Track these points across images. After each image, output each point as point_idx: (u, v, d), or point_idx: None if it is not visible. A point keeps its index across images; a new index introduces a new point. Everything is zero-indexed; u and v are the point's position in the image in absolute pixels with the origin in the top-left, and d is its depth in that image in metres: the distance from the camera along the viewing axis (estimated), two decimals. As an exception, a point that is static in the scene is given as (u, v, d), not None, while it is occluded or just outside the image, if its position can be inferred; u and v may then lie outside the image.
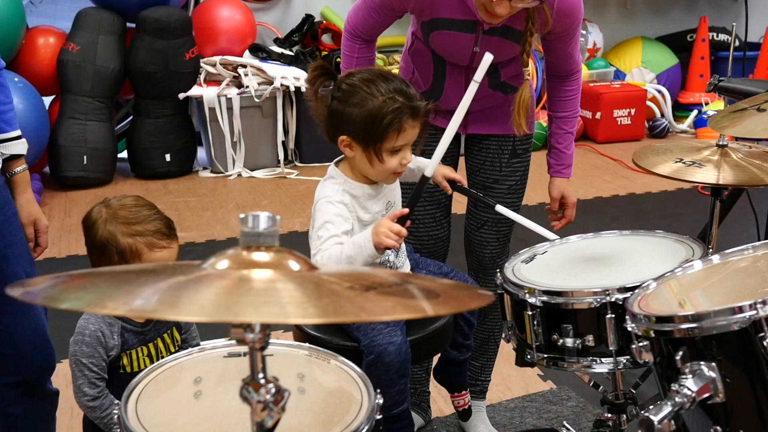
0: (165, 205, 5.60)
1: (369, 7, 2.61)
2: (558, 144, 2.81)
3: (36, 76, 5.90)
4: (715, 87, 3.04)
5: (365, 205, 2.31)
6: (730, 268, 2.00)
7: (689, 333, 1.70)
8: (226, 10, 6.41)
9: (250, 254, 1.34)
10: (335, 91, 2.27)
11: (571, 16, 2.56)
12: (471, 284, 2.50)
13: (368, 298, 1.21)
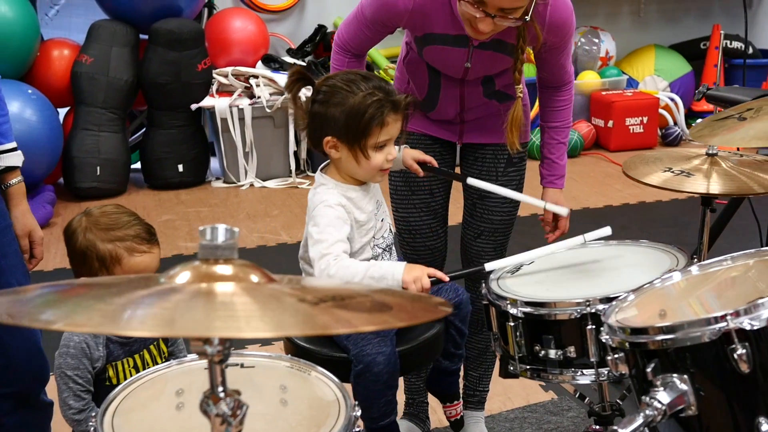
0: (176, 215, 5.65)
1: (360, 23, 2.62)
2: (550, 154, 2.81)
3: (50, 88, 5.96)
4: (704, 95, 3.02)
5: (360, 206, 2.33)
6: (721, 276, 1.99)
7: (663, 345, 1.69)
8: (239, 21, 6.45)
9: (206, 267, 1.35)
10: (315, 94, 2.30)
11: (563, 30, 2.56)
12: (460, 295, 2.50)
13: (316, 312, 1.22)
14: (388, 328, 1.20)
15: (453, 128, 2.77)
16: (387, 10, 2.53)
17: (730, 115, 2.10)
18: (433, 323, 2.50)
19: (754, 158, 2.49)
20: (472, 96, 2.67)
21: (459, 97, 2.69)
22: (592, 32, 7.25)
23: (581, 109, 7.12)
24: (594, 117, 7.04)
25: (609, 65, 7.25)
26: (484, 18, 2.32)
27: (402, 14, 2.51)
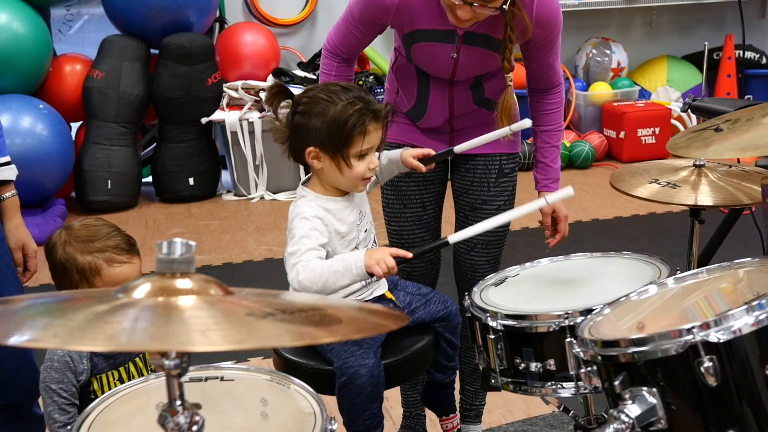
0: (186, 228, 5.68)
1: (349, 24, 2.64)
2: (544, 158, 2.81)
3: (63, 103, 6.02)
4: (690, 107, 3.01)
5: (340, 217, 2.34)
6: (709, 287, 1.98)
7: (633, 357, 1.69)
8: (251, 35, 6.49)
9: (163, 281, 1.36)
10: (296, 106, 2.31)
11: (550, 24, 2.58)
12: (449, 306, 2.50)
13: (260, 326, 1.23)
14: (331, 341, 1.20)
15: (443, 138, 2.77)
16: (374, 7, 2.55)
17: (708, 126, 2.09)
18: (422, 335, 2.50)
19: (742, 169, 2.49)
20: (461, 102, 2.68)
21: (448, 102, 2.69)
22: (604, 43, 7.24)
23: (593, 121, 7.11)
24: (606, 128, 7.02)
25: (621, 76, 7.24)
26: (463, 5, 2.35)
27: (389, 9, 2.52)
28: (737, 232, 3.72)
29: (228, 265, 5.04)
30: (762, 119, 1.99)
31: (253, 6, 6.77)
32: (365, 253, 2.19)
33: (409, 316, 2.49)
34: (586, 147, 6.74)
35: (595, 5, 7.05)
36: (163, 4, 5.98)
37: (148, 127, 6.65)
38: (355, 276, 2.19)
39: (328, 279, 2.19)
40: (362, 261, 2.18)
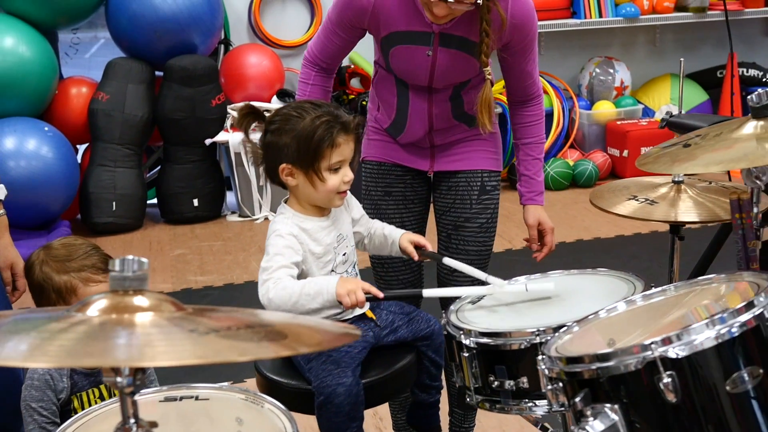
0: (189, 250, 5.71)
1: (328, 30, 2.68)
2: (527, 171, 2.81)
3: (69, 125, 6.07)
4: (667, 123, 3.01)
5: (316, 238, 2.35)
6: (691, 303, 1.98)
7: (597, 374, 1.69)
8: (255, 56, 6.53)
9: (116, 298, 1.38)
10: (268, 125, 2.35)
11: (525, 27, 2.60)
12: (432, 325, 2.51)
13: (201, 342, 1.24)
14: (270, 357, 1.21)
15: (424, 154, 2.78)
16: (350, 7, 2.58)
17: (677, 142, 2.10)
18: (404, 354, 2.51)
19: (722, 185, 2.49)
20: (441, 114, 2.69)
21: (428, 113, 2.70)
22: (607, 62, 7.25)
23: (597, 139, 7.10)
24: (610, 147, 7.02)
25: (624, 95, 7.23)
26: (439, 2, 2.37)
27: (365, 10, 2.55)
28: (731, 246, 3.72)
29: (229, 285, 5.07)
30: (730, 134, 2.00)
31: (258, 28, 6.82)
32: (338, 281, 2.21)
33: (392, 334, 2.50)
34: (589, 166, 6.74)
35: (598, 24, 7.06)
36: (167, 27, 6.03)
37: (154, 149, 6.70)
38: (325, 302, 2.22)
39: (299, 300, 2.21)
40: (334, 288, 2.21)
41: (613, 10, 7.06)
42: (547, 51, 7.35)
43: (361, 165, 2.85)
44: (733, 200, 1.95)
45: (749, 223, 1.93)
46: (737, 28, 7.44)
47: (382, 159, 2.78)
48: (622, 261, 5.16)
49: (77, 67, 7.01)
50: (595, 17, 7.01)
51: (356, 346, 2.39)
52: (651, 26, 7.46)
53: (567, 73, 7.40)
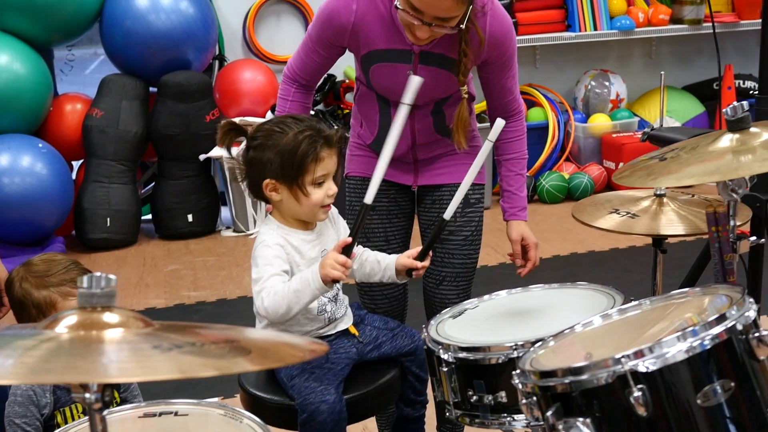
0: (183, 265, 5.71)
1: (308, 48, 2.68)
2: (510, 187, 2.81)
3: (64, 142, 6.08)
4: (648, 136, 3.02)
5: (301, 251, 2.36)
6: (673, 316, 1.97)
7: (570, 387, 1.69)
8: (249, 72, 6.53)
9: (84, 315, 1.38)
10: (250, 141, 2.35)
11: (504, 44, 2.61)
12: (416, 340, 2.51)
13: (163, 358, 1.24)
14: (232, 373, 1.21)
15: (407, 169, 2.79)
16: (330, 25, 2.58)
17: (653, 156, 2.10)
18: (388, 369, 2.51)
19: (704, 198, 2.49)
20: (423, 129, 2.70)
21: (410, 128, 2.71)
22: (602, 75, 7.26)
23: (592, 152, 7.10)
24: (605, 159, 7.02)
25: (620, 107, 7.24)
26: (422, 26, 2.38)
27: (345, 28, 2.56)
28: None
29: (222, 301, 5.06)
30: (706, 148, 2.00)
31: (252, 43, 6.83)
32: (318, 267, 2.21)
33: (376, 350, 2.50)
34: (585, 179, 6.74)
35: (594, 37, 7.07)
36: (161, 44, 6.04)
37: (148, 165, 6.70)
38: (315, 290, 2.21)
39: (291, 299, 2.21)
40: (317, 273, 2.19)
41: (608, 23, 7.07)
42: (542, 64, 7.36)
43: (344, 180, 2.86)
44: (709, 213, 1.95)
45: (725, 236, 1.93)
46: (733, 39, 7.46)
47: (366, 174, 2.78)
48: (616, 274, 5.16)
49: (74, 83, 7.03)
50: (590, 30, 7.02)
51: (339, 362, 2.39)
52: (647, 39, 7.47)
53: (562, 86, 7.41)
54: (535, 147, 6.97)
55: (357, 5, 2.54)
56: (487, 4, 2.53)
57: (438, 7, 2.35)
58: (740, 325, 1.64)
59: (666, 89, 7.40)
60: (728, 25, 7.26)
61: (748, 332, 1.65)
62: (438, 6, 2.34)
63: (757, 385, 1.66)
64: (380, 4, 2.53)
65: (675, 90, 7.49)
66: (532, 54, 7.32)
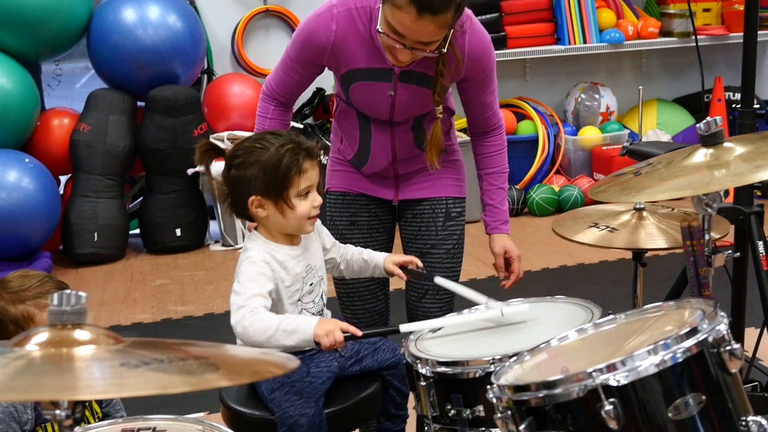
0: (171, 279, 5.70)
1: (287, 66, 2.69)
2: (491, 200, 2.82)
3: (51, 156, 6.07)
4: (627, 151, 3.03)
5: (287, 266, 2.36)
6: (652, 329, 1.97)
7: (543, 401, 1.69)
8: (238, 86, 6.54)
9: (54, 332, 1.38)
10: (231, 160, 2.35)
11: (483, 61, 2.61)
12: (397, 354, 2.51)
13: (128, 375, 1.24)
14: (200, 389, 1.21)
15: (388, 183, 2.79)
16: (310, 45, 2.59)
17: (628, 171, 2.11)
18: (369, 383, 2.51)
19: (684, 212, 2.50)
20: (403, 144, 2.70)
21: (390, 144, 2.71)
22: (592, 88, 7.27)
23: (582, 165, 7.11)
24: (596, 172, 7.03)
25: (610, 120, 7.25)
26: (403, 49, 2.39)
27: (325, 48, 2.57)
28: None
29: (210, 315, 5.05)
30: (680, 162, 2.01)
31: (241, 58, 6.84)
32: (317, 322, 2.21)
33: (357, 364, 2.51)
34: (575, 191, 6.74)
35: (584, 50, 7.08)
36: (148, 58, 6.04)
37: (137, 179, 6.70)
38: (301, 341, 2.22)
39: (274, 335, 2.21)
40: (312, 329, 2.21)
41: (598, 36, 7.08)
42: (532, 77, 7.38)
43: (325, 195, 2.86)
44: (684, 227, 1.96)
45: (700, 250, 1.94)
46: (723, 52, 7.48)
47: (346, 189, 2.79)
48: (605, 287, 5.16)
49: (63, 98, 7.03)
50: (580, 43, 7.03)
51: (320, 376, 2.40)
52: (637, 51, 7.49)
53: (552, 99, 7.42)
54: (525, 160, 6.99)
55: (337, 25, 2.54)
56: (466, 22, 2.54)
57: (420, 33, 2.35)
58: (711, 338, 1.65)
59: (655, 102, 7.45)
60: (718, 37, 7.28)
61: (719, 345, 1.66)
62: (420, 31, 2.35)
63: (729, 398, 1.67)
64: (360, 24, 2.53)
65: (665, 102, 7.51)
66: (522, 67, 7.34)
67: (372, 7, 2.51)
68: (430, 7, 2.28)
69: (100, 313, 5.11)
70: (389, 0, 2.34)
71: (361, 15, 2.53)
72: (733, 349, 1.65)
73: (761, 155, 1.91)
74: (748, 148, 1.99)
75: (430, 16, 2.30)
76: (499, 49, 6.73)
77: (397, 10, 2.32)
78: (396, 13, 2.33)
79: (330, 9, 2.55)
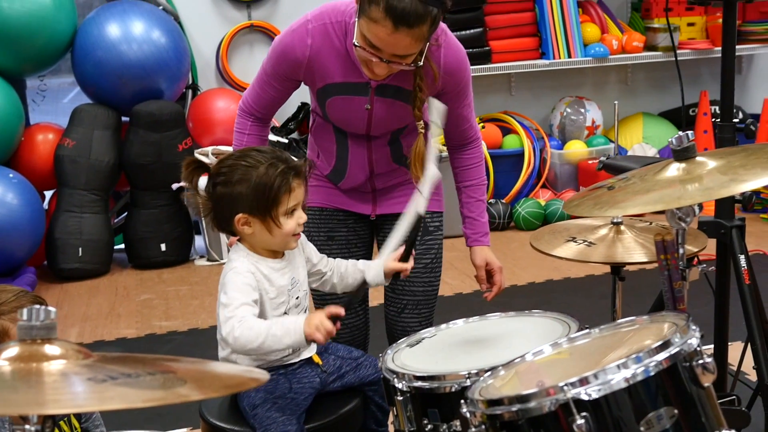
0: (155, 294, 5.69)
1: (263, 81, 2.69)
2: (471, 213, 2.82)
3: (36, 172, 6.07)
4: (604, 165, 3.04)
5: (271, 279, 2.35)
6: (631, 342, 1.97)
7: (516, 415, 1.69)
8: (223, 101, 6.54)
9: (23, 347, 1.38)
10: (215, 177, 2.34)
11: (458, 73, 2.62)
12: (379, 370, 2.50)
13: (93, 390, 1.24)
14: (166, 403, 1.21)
15: (366, 198, 2.79)
16: (285, 60, 2.59)
17: (602, 185, 2.12)
18: (350, 399, 2.51)
19: (662, 225, 2.50)
20: (381, 159, 2.71)
21: (367, 159, 2.72)
22: (578, 102, 7.29)
23: (569, 179, 7.12)
24: (582, 186, 7.04)
25: (596, 134, 7.27)
26: (379, 63, 2.40)
27: (300, 63, 2.57)
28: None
29: (194, 330, 5.04)
30: (653, 177, 2.01)
31: (226, 73, 6.85)
32: (305, 321, 2.20)
33: (339, 380, 2.50)
34: (561, 205, 6.75)
35: (569, 64, 7.10)
36: (132, 74, 6.05)
37: (121, 194, 6.69)
38: (293, 343, 2.21)
39: (265, 341, 2.20)
40: (301, 328, 2.19)
41: (582, 50, 7.10)
42: (517, 91, 7.40)
43: None
44: (658, 241, 1.96)
45: (674, 264, 1.94)
46: (708, 66, 7.52)
47: (323, 204, 2.79)
48: (591, 301, 5.15)
49: (49, 113, 7.01)
50: (564, 58, 7.05)
51: (302, 392, 2.39)
52: (622, 66, 7.51)
53: (538, 113, 7.44)
54: (511, 174, 7.00)
55: (312, 40, 2.54)
56: (441, 36, 2.55)
57: (396, 46, 2.36)
58: (684, 352, 1.65)
59: (641, 115, 7.48)
60: (703, 51, 7.31)
61: (692, 359, 1.66)
62: (396, 45, 2.35)
63: (703, 412, 1.67)
64: (335, 39, 2.54)
65: (651, 116, 7.54)
66: (507, 81, 7.36)
67: (347, 22, 2.52)
68: (406, 21, 2.29)
69: (84, 328, 5.09)
70: (365, 14, 2.34)
71: (336, 30, 2.53)
72: (706, 363, 1.65)
73: (732, 169, 1.92)
74: (720, 162, 1.99)
75: (406, 29, 2.30)
76: (483, 64, 6.76)
77: (373, 24, 2.33)
78: (372, 26, 2.33)
79: (305, 24, 2.56)
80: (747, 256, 2.78)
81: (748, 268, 2.76)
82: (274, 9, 6.94)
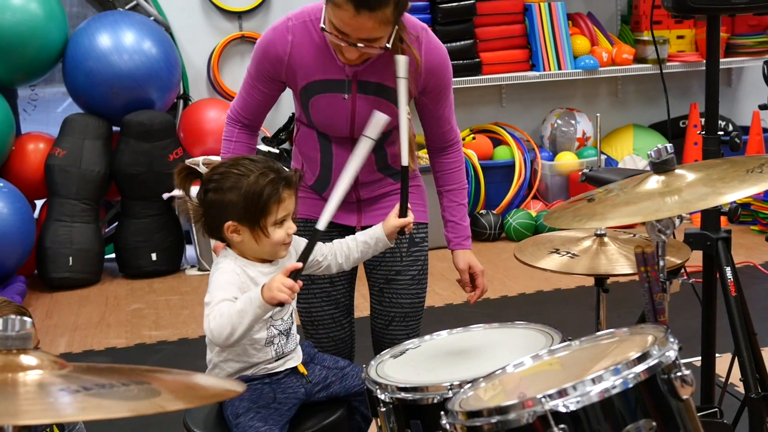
0: (145, 304, 5.68)
1: (248, 85, 2.70)
2: (453, 217, 2.84)
3: (26, 181, 6.08)
4: (586, 178, 3.05)
5: (257, 282, 2.35)
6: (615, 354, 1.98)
7: (496, 427, 1.69)
8: (213, 111, 6.54)
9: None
10: (207, 184, 2.35)
11: (440, 72, 2.64)
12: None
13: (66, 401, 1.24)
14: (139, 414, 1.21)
15: (350, 209, 2.79)
16: (267, 57, 2.60)
17: (582, 197, 2.12)
18: (334, 409, 2.51)
19: (645, 237, 2.51)
20: (365, 168, 2.70)
21: None
22: (568, 114, 7.31)
23: (560, 190, 7.14)
24: (573, 197, 7.04)
25: (587, 146, 7.29)
26: (348, 46, 2.42)
27: (282, 59, 2.59)
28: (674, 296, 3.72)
29: (183, 340, 5.04)
30: (633, 189, 2.02)
31: (217, 83, 6.86)
32: (263, 289, 2.18)
33: (324, 390, 2.50)
34: (551, 216, 6.76)
35: (560, 76, 7.12)
36: (124, 84, 6.06)
37: (112, 204, 6.69)
38: (257, 310, 2.18)
39: (233, 320, 2.19)
40: (259, 295, 2.17)
41: (572, 62, 7.13)
42: (508, 103, 7.42)
43: None
44: (638, 254, 1.97)
45: (654, 276, 1.95)
46: (698, 78, 7.53)
47: (308, 216, 2.79)
48: (581, 312, 5.16)
49: (41, 122, 7.02)
50: (554, 70, 7.07)
51: (287, 403, 2.39)
52: (612, 78, 7.54)
53: (529, 125, 7.46)
54: (502, 185, 7.01)
55: (293, 36, 2.57)
56: (421, 33, 2.58)
57: (360, 29, 2.38)
58: (662, 364, 1.65)
59: (631, 127, 7.49)
60: (692, 64, 7.33)
61: (670, 371, 1.66)
62: (360, 28, 2.38)
63: (682, 424, 1.67)
64: (314, 34, 2.56)
65: (641, 128, 7.56)
66: (498, 93, 7.38)
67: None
68: (367, 4, 2.32)
69: (73, 337, 5.08)
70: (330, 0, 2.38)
71: (315, 26, 2.56)
72: (684, 376, 1.66)
73: (711, 182, 1.92)
74: (699, 175, 2.00)
75: (367, 12, 2.33)
76: (474, 76, 6.78)
77: (337, 9, 2.36)
78: (336, 11, 2.37)
79: (286, 22, 2.60)
80: (733, 267, 2.79)
81: (735, 280, 2.77)
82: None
